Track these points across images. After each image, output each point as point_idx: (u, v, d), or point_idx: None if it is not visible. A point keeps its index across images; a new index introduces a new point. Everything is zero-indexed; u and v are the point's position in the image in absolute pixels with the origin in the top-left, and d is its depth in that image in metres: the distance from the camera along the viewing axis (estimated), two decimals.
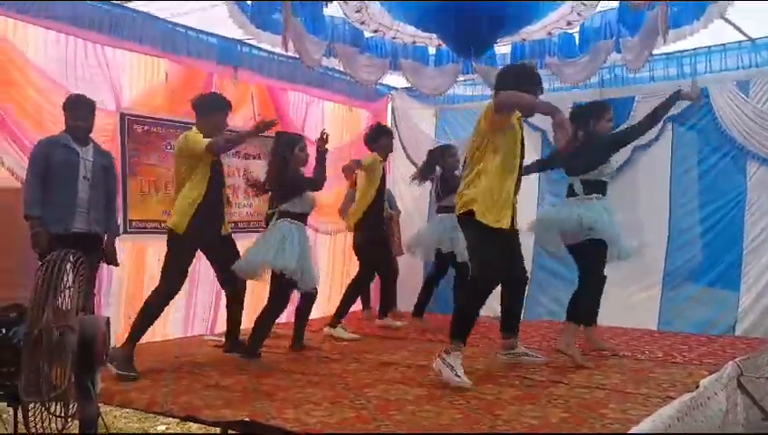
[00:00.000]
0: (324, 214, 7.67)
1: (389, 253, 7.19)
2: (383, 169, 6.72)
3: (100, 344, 2.64)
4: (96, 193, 5.03)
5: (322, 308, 7.51)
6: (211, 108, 5.09)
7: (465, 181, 4.53)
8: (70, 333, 2.54)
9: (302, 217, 5.30)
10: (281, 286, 5.14)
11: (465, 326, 4.49)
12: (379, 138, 6.76)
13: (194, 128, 5.11)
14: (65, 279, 2.63)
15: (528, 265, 7.28)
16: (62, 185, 4.86)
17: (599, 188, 5.24)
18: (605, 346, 5.52)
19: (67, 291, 2.63)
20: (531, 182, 6.96)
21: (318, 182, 5.33)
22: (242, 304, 5.40)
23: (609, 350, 5.47)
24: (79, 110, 4.98)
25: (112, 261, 5.32)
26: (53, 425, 2.60)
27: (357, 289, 6.82)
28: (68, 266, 2.65)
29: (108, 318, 2.80)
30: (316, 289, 5.57)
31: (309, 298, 5.67)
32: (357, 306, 7.19)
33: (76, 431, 2.74)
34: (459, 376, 4.25)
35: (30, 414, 2.63)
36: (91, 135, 5.13)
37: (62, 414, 2.62)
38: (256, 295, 5.82)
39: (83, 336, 2.58)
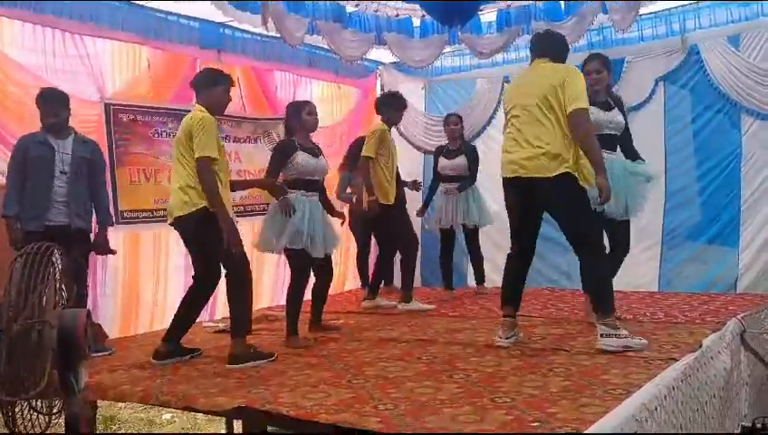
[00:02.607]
0: None
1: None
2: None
3: (80, 338, 2.58)
4: (77, 186, 4.96)
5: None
6: (207, 83, 4.73)
7: (550, 140, 4.27)
8: (48, 328, 2.48)
9: (299, 185, 5.17)
10: (291, 259, 5.21)
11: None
12: (393, 106, 6.41)
13: (196, 106, 4.69)
14: (41, 273, 2.57)
15: None
16: (37, 181, 4.81)
17: (605, 143, 5.11)
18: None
19: (45, 285, 2.57)
20: None
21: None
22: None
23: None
24: (49, 105, 4.88)
25: (104, 251, 5.27)
26: (39, 422, 2.55)
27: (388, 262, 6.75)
28: (44, 260, 2.58)
29: (88, 311, 2.73)
30: (330, 265, 5.46)
31: (322, 274, 5.46)
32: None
33: (63, 428, 2.69)
34: (635, 337, 4.22)
35: (18, 412, 2.58)
36: (73, 125, 5.04)
37: (47, 411, 2.57)
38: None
39: (62, 331, 2.52)
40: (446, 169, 6.98)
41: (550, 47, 4.58)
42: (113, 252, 5.43)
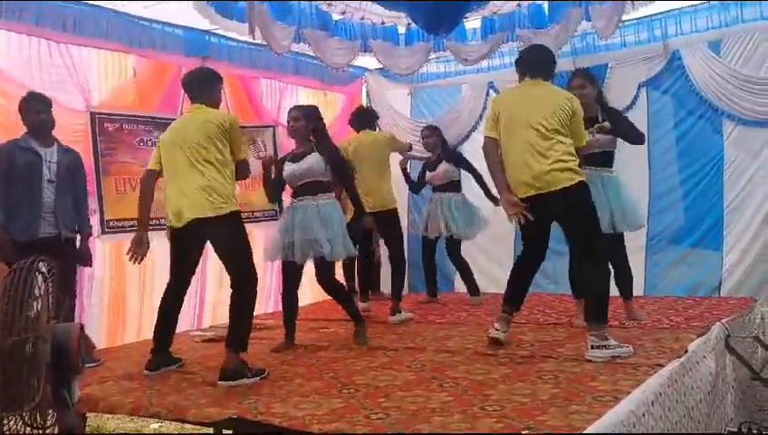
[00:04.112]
0: None
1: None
2: None
3: (74, 352, 2.58)
4: (63, 195, 4.92)
5: (307, 296, 7.52)
6: (208, 82, 4.62)
7: (562, 153, 4.41)
8: (41, 343, 2.48)
9: (294, 192, 5.30)
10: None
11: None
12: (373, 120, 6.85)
13: (198, 105, 4.55)
14: (35, 288, 2.57)
15: (512, 239, 7.35)
16: (25, 190, 4.74)
17: (592, 161, 5.15)
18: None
19: (37, 300, 2.57)
20: None
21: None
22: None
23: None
24: (32, 105, 4.84)
25: (87, 262, 5.25)
26: None
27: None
28: (37, 274, 2.59)
29: (81, 325, 2.74)
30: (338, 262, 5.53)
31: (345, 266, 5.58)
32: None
33: None
34: (621, 346, 4.30)
35: (12, 426, 2.58)
36: (56, 135, 5.02)
37: (41, 425, 2.57)
38: None
39: (56, 345, 2.53)
40: (433, 180, 7.07)
41: (546, 68, 4.72)
42: (91, 264, 5.41)
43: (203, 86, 4.60)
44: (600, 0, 6.16)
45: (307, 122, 5.27)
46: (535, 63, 4.73)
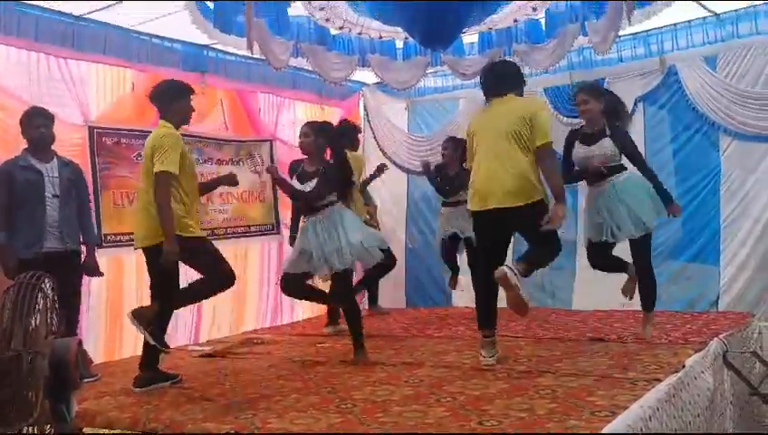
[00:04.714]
0: None
1: None
2: None
3: (72, 367, 2.59)
4: (68, 209, 4.94)
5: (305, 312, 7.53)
6: (174, 97, 4.64)
7: (523, 169, 4.47)
8: (39, 358, 2.48)
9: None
10: None
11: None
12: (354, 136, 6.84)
13: (161, 122, 4.65)
14: (33, 303, 2.57)
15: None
16: (28, 208, 4.76)
17: (591, 178, 5.26)
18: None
19: (36, 315, 2.57)
20: None
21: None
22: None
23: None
24: (33, 119, 4.86)
25: (94, 273, 5.24)
26: None
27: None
28: (36, 289, 2.58)
29: (80, 340, 2.74)
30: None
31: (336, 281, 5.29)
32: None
33: None
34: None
35: None
36: (55, 149, 5.03)
37: None
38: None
39: (54, 360, 2.53)
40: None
41: (508, 83, 4.78)
42: (102, 274, 5.40)
43: (167, 101, 4.65)
44: (597, 0, 6.17)
45: (316, 137, 5.14)
46: (500, 81, 4.79)
